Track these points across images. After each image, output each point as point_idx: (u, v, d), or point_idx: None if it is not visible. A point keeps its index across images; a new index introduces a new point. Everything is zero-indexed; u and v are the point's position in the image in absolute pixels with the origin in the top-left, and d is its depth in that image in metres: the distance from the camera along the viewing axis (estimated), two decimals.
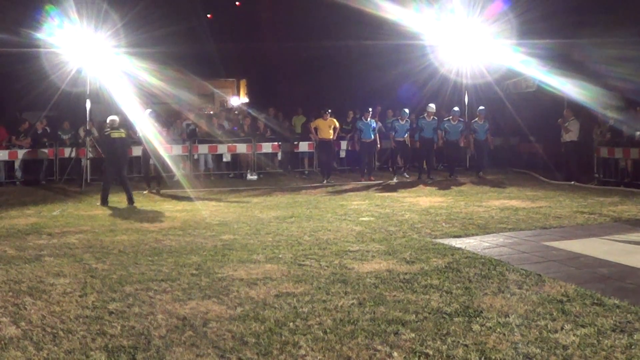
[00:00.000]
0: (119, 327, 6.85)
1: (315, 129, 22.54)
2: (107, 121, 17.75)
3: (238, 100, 38.07)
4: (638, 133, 19.97)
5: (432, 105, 23.43)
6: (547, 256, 10.10)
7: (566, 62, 21.44)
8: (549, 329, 6.57)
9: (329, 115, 22.23)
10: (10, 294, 8.23)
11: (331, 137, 22.34)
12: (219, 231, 12.88)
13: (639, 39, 18.90)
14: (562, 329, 6.56)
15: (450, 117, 23.07)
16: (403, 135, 23.15)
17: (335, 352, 6.06)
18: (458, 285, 8.29)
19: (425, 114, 22.67)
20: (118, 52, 22.65)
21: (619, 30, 19.67)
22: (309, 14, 30.54)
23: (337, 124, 22.69)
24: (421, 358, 5.90)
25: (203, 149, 24.54)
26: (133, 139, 19.75)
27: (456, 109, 23.28)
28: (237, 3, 38.11)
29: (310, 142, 24.97)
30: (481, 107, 22.94)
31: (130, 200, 17.28)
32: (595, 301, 7.45)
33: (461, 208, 15.78)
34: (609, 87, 20.36)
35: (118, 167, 17.60)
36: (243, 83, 39.49)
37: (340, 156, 25.57)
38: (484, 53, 23.63)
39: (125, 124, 18.28)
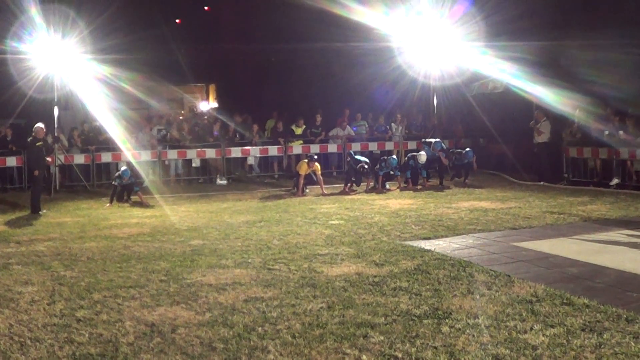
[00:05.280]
0: (86, 335, 6.80)
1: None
2: (34, 130, 18.00)
3: (207, 105, 37.97)
4: (607, 132, 20.09)
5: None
6: (517, 257, 10.14)
7: (535, 64, 21.55)
8: (518, 329, 6.59)
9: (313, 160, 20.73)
10: None
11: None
12: (188, 237, 12.84)
13: (612, 42, 19.05)
14: (531, 329, 6.58)
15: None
16: None
17: (304, 356, 6.04)
18: (427, 287, 8.29)
19: None
20: (87, 59, 22.51)
21: (592, 32, 19.82)
22: (278, 17, 30.49)
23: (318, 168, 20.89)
24: None
25: (172, 154, 24.41)
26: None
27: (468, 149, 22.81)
28: (205, 8, 37.96)
29: (279, 147, 24.89)
30: (468, 149, 22.46)
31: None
32: (565, 301, 7.47)
33: (431, 210, 15.82)
34: (579, 88, 20.46)
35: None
36: (212, 88, 39.35)
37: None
38: (453, 55, 23.69)
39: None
